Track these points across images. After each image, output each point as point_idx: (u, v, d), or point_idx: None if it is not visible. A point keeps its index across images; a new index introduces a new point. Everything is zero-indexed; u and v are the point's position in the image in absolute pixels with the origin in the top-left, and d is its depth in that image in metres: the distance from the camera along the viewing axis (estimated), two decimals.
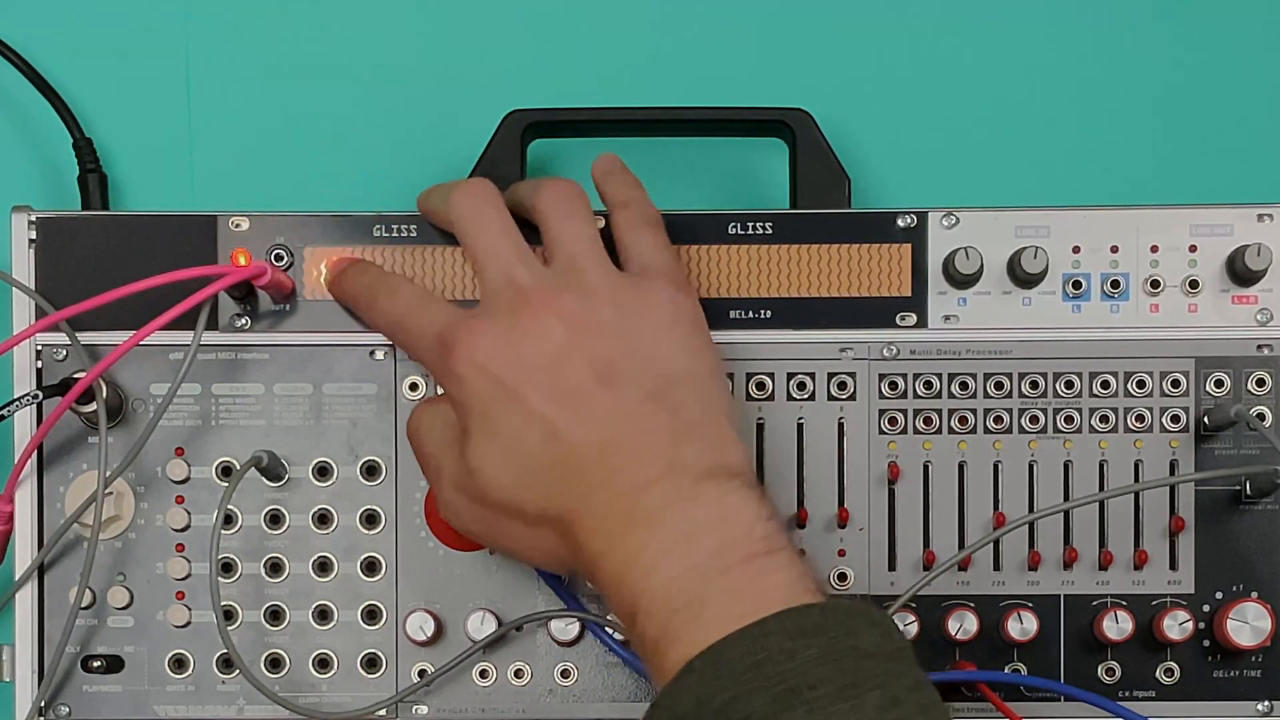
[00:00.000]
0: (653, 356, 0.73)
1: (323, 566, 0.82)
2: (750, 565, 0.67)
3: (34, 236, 0.81)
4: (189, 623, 0.81)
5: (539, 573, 0.81)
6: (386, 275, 0.79)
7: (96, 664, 0.81)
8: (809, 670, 0.63)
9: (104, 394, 0.79)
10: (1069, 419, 0.81)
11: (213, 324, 0.81)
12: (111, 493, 0.81)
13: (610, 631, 0.80)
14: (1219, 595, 0.81)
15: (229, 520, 0.81)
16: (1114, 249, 0.81)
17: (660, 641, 0.67)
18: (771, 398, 0.81)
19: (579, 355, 0.72)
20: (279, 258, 0.81)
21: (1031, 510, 0.81)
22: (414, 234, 0.81)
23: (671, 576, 0.67)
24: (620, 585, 0.69)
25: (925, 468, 0.81)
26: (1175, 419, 0.81)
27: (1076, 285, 0.81)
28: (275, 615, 0.81)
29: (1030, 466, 0.81)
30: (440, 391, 0.76)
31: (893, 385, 0.81)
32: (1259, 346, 0.81)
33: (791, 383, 0.81)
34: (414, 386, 0.81)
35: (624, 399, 0.71)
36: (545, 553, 0.73)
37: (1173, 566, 0.81)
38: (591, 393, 0.71)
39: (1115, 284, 0.81)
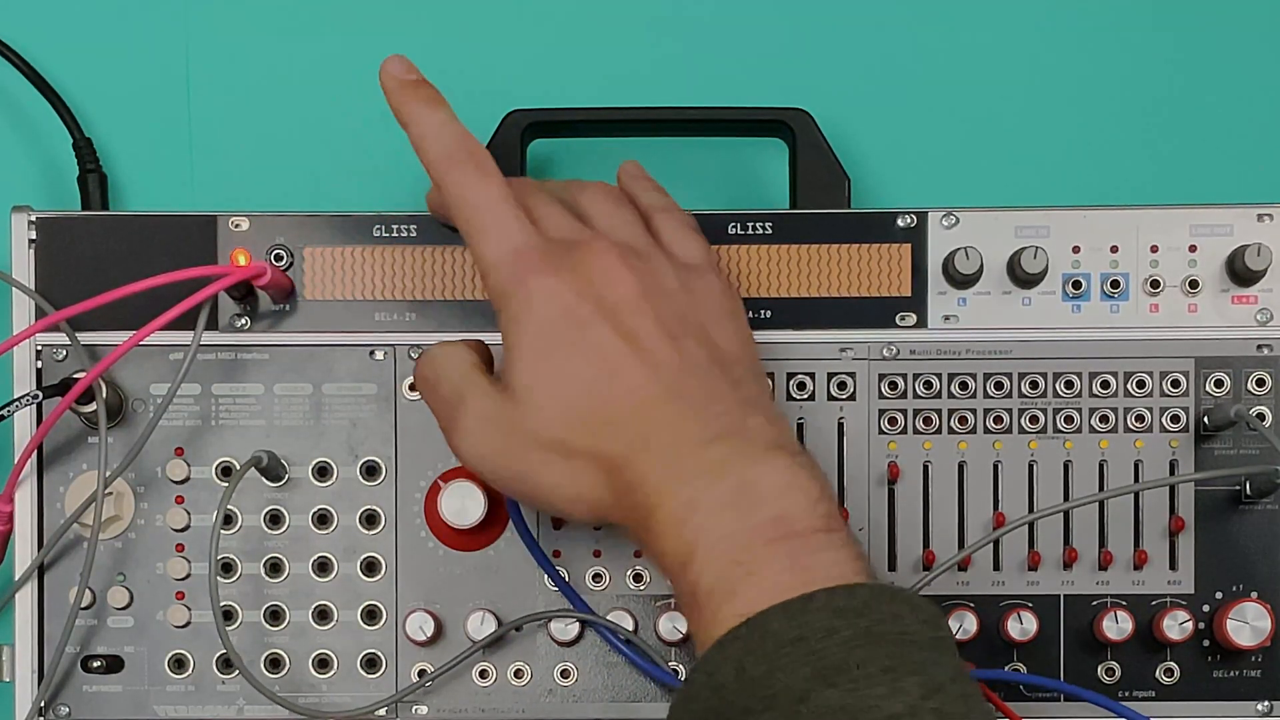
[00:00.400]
0: (713, 334, 0.73)
1: (323, 566, 0.82)
2: (811, 538, 0.67)
3: (34, 236, 0.81)
4: (189, 623, 0.81)
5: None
6: (475, 141, 0.74)
7: (96, 664, 0.81)
8: (851, 650, 0.63)
9: (104, 394, 0.79)
10: (1069, 419, 0.81)
11: (213, 324, 0.81)
12: (111, 493, 0.81)
13: (612, 631, 0.80)
14: (1219, 595, 0.81)
15: (229, 520, 0.81)
16: (1114, 249, 0.81)
17: (714, 593, 0.66)
18: (771, 398, 0.81)
19: (649, 310, 0.71)
20: (279, 258, 0.81)
21: (1031, 510, 0.81)
22: (414, 234, 0.81)
23: (735, 530, 0.67)
24: (679, 530, 0.68)
25: (925, 468, 0.81)
26: (1175, 419, 0.81)
27: (1076, 285, 0.81)
28: (275, 615, 0.81)
29: (1030, 466, 0.81)
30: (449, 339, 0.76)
31: (893, 385, 0.81)
32: (1259, 346, 0.81)
33: (791, 383, 0.81)
34: (414, 386, 0.81)
35: (691, 358, 0.71)
36: (577, 493, 0.71)
37: (1173, 566, 0.81)
38: (660, 344, 0.71)
39: (1115, 284, 0.81)
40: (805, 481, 0.68)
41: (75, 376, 0.79)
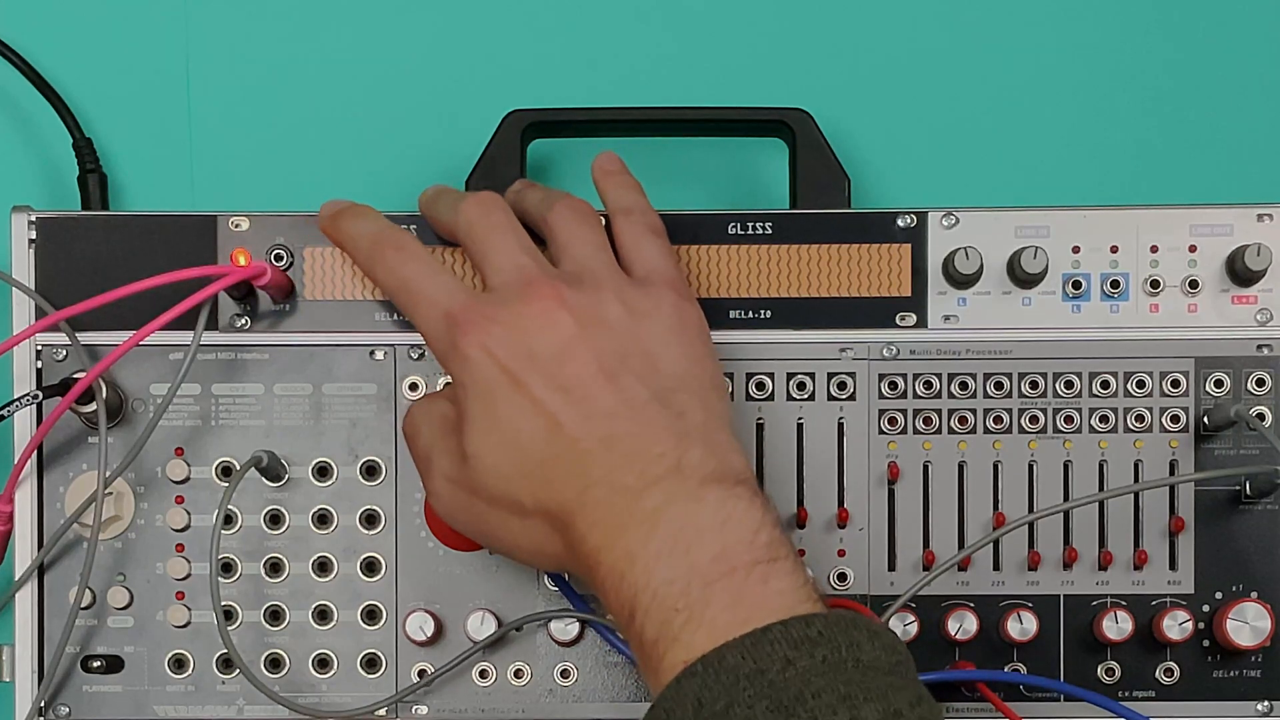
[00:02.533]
0: (658, 359, 0.73)
1: (323, 566, 0.82)
2: (753, 571, 0.67)
3: (34, 236, 0.81)
4: (189, 623, 0.81)
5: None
6: (395, 229, 0.77)
7: (96, 664, 0.81)
8: (809, 680, 0.63)
9: (104, 394, 0.79)
10: (1069, 419, 0.81)
11: (213, 324, 0.81)
12: (111, 493, 0.81)
13: (612, 630, 0.80)
14: (1219, 595, 0.81)
15: (229, 520, 0.81)
16: (1114, 249, 0.81)
17: (659, 642, 0.67)
18: (771, 398, 0.81)
19: (586, 350, 0.71)
20: (279, 258, 0.81)
21: (1031, 510, 0.81)
22: (414, 234, 0.81)
23: (672, 576, 0.67)
24: (620, 583, 0.68)
25: (925, 468, 0.81)
26: (1175, 419, 0.81)
27: (1076, 285, 0.81)
28: (275, 615, 0.81)
29: (1030, 466, 0.81)
30: (439, 387, 0.76)
31: (893, 385, 0.81)
32: (1259, 346, 0.81)
33: (791, 383, 0.81)
34: (414, 386, 0.81)
35: (629, 397, 0.71)
36: (537, 548, 0.73)
37: (1172, 566, 0.81)
38: (597, 388, 0.71)
39: (1115, 284, 0.81)
40: (742, 513, 0.68)
41: (75, 376, 0.79)
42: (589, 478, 0.70)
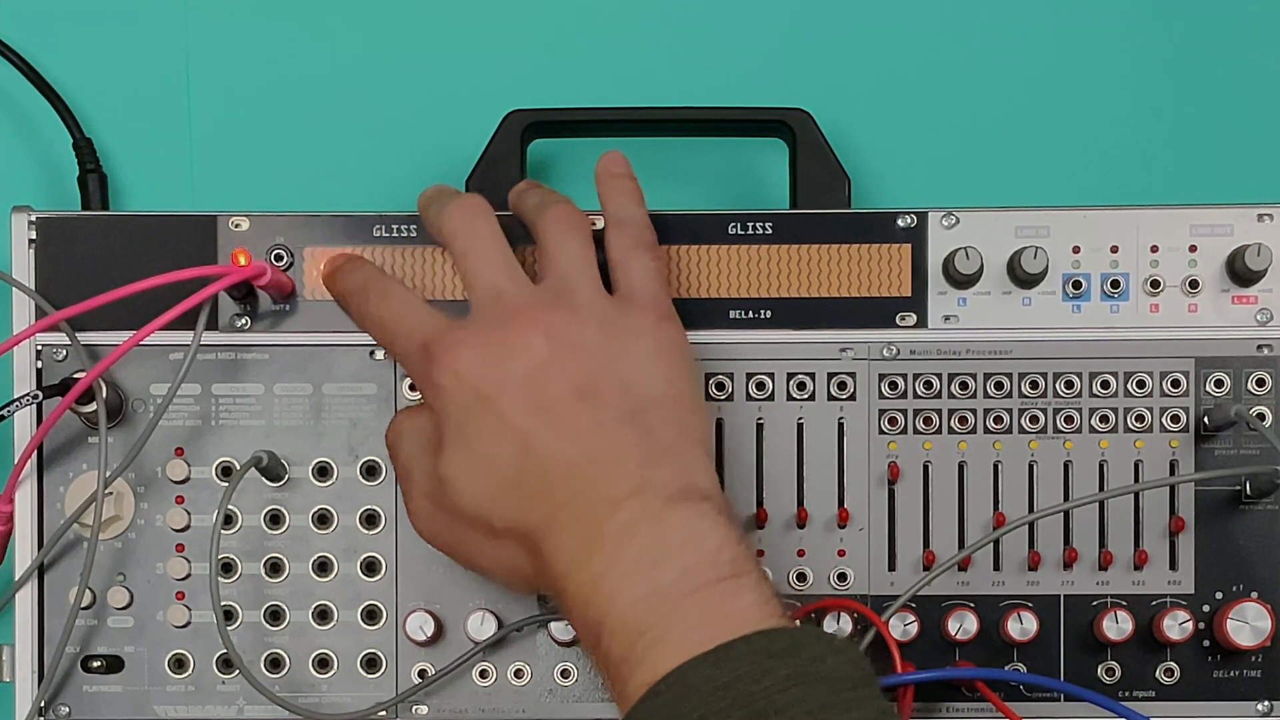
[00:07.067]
0: (632, 380, 0.73)
1: (323, 566, 0.82)
2: (716, 589, 0.67)
3: (34, 236, 0.81)
4: (189, 623, 0.81)
5: None
6: (381, 276, 0.79)
7: (96, 664, 0.81)
8: (778, 692, 0.63)
9: (104, 394, 0.79)
10: (1069, 419, 0.81)
11: (213, 324, 0.81)
12: (111, 493, 0.81)
13: None
14: (1219, 595, 0.81)
15: (229, 520, 0.81)
16: (1114, 249, 0.81)
17: (624, 664, 0.67)
18: (771, 398, 0.81)
19: (559, 372, 0.72)
20: (279, 258, 0.81)
21: (1031, 510, 0.81)
22: (414, 234, 0.81)
23: (637, 598, 0.67)
24: (586, 605, 0.68)
25: (925, 468, 0.81)
26: (1175, 419, 0.81)
27: (1076, 285, 0.81)
28: (275, 615, 0.81)
29: (1030, 466, 0.81)
30: (420, 400, 0.76)
31: (893, 385, 0.81)
32: (1259, 346, 0.81)
33: (791, 383, 0.81)
34: (414, 387, 0.81)
35: (599, 418, 0.71)
36: (510, 569, 0.73)
37: (1173, 566, 0.81)
38: (568, 409, 0.71)
39: (1115, 284, 0.81)
40: (705, 531, 0.69)
41: (75, 376, 0.79)
42: (557, 500, 0.70)
